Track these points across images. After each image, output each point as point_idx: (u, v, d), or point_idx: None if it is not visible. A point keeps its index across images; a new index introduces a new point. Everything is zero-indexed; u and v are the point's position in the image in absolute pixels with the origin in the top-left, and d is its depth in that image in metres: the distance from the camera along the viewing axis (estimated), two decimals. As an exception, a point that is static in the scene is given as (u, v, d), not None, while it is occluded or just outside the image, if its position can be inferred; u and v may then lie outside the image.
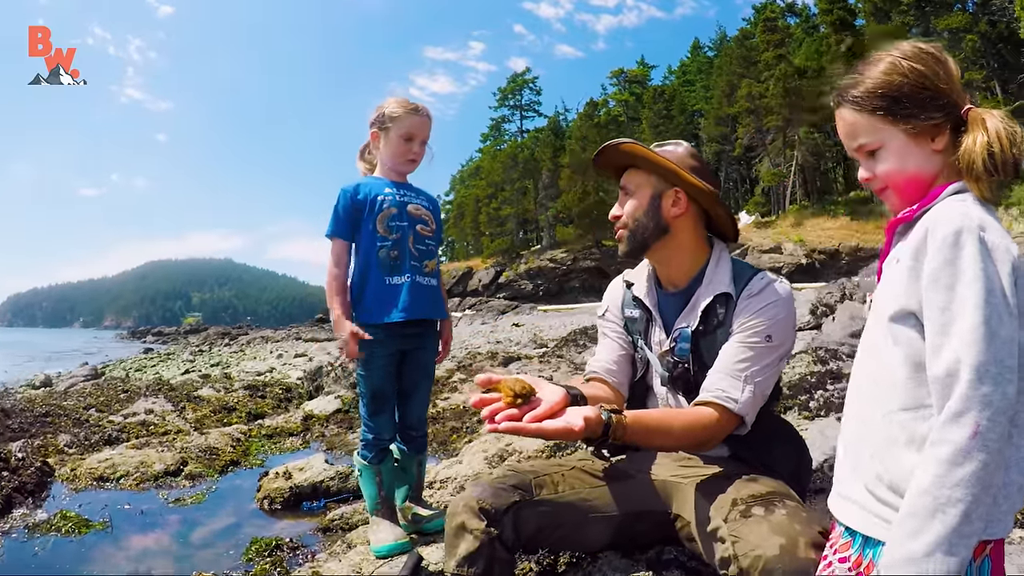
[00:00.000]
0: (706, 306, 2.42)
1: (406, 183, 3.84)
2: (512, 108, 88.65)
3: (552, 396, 1.98)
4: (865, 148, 1.73)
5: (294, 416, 8.27)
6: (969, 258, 1.42)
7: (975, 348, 1.37)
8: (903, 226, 1.68)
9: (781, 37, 61.40)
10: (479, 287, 66.22)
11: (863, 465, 1.63)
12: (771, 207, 62.85)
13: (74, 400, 9.58)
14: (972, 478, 1.33)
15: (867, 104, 1.69)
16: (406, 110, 3.68)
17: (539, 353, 14.34)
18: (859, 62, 1.76)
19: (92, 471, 5.56)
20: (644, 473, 2.46)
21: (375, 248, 3.64)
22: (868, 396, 1.67)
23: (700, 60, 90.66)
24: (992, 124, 1.56)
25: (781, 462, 2.37)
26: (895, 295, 1.59)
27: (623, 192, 2.57)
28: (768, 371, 2.30)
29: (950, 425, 1.37)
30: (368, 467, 3.73)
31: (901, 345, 1.58)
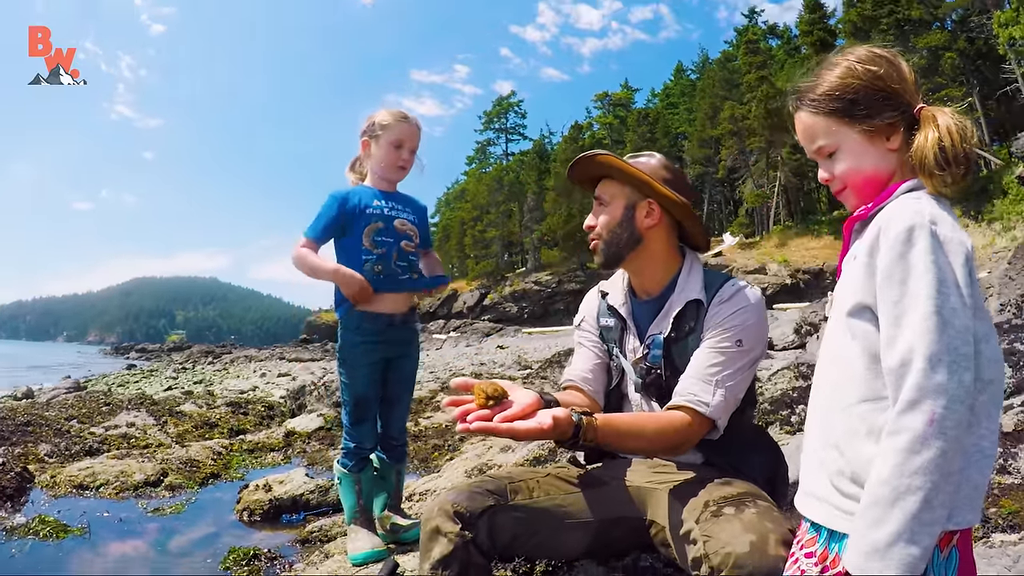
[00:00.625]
0: (678, 313, 2.46)
1: (395, 193, 3.90)
2: (497, 131, 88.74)
3: (524, 399, 2.02)
4: (824, 150, 1.79)
5: (276, 432, 8.27)
6: (920, 252, 1.47)
7: (928, 337, 1.41)
8: (860, 224, 1.74)
9: (763, 59, 61.54)
10: (464, 309, 66.02)
11: (826, 459, 1.66)
12: (755, 228, 62.86)
13: (56, 411, 9.53)
14: (930, 465, 1.35)
15: (823, 106, 1.76)
16: (396, 118, 3.75)
17: (523, 375, 14.35)
18: (817, 67, 1.83)
19: (72, 479, 5.58)
20: (619, 480, 2.47)
21: (360, 261, 3.69)
22: (829, 390, 1.71)
23: (683, 83, 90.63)
24: (943, 120, 1.62)
25: (757, 470, 2.39)
26: (852, 291, 1.63)
27: (597, 203, 2.61)
28: (739, 375, 2.34)
29: (906, 414, 1.40)
30: (348, 476, 3.77)
31: (858, 339, 1.62)
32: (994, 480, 3.90)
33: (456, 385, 2.04)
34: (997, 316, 13.51)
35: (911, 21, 46.49)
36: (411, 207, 3.93)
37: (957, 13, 47.85)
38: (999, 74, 43.88)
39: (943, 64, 43.99)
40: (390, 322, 3.78)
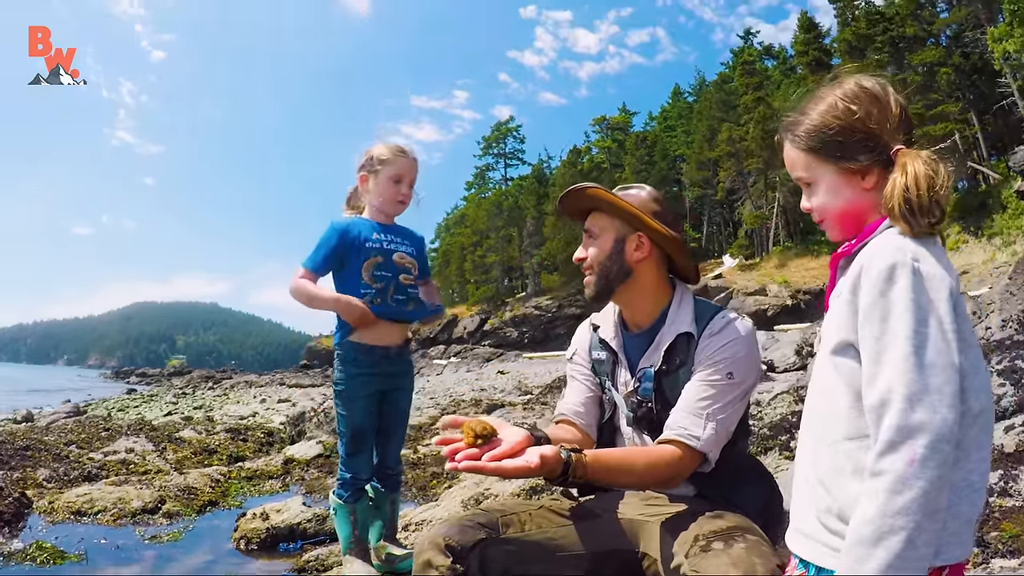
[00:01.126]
0: (669, 346, 2.45)
1: (393, 225, 3.93)
2: (496, 156, 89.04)
3: (513, 437, 2.02)
4: (803, 180, 1.83)
5: (275, 460, 8.23)
6: (901, 290, 1.48)
7: (907, 376, 1.42)
8: (845, 260, 1.74)
9: (759, 80, 61.85)
10: (464, 335, 65.97)
11: (814, 496, 1.67)
12: (755, 249, 62.92)
13: (55, 436, 9.50)
14: (913, 505, 1.36)
15: (801, 142, 1.79)
16: (394, 153, 3.79)
17: (523, 400, 14.33)
18: (806, 99, 1.85)
19: (70, 505, 5.56)
20: (611, 512, 2.45)
21: (359, 295, 3.71)
22: (816, 427, 1.72)
23: (681, 105, 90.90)
24: (912, 168, 1.62)
25: (750, 501, 2.37)
26: (836, 328, 1.64)
27: (587, 235, 2.61)
28: (730, 408, 2.33)
29: (887, 454, 1.40)
30: (343, 506, 3.76)
31: (843, 376, 1.62)
32: (995, 503, 3.88)
33: (445, 424, 2.05)
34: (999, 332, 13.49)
35: (906, 38, 46.72)
36: (409, 239, 3.96)
37: (951, 29, 48.13)
38: (995, 88, 44.05)
39: (939, 80, 44.15)
40: (385, 354, 3.81)
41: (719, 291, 47.50)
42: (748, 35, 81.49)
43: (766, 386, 10.41)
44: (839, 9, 53.54)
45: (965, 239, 40.80)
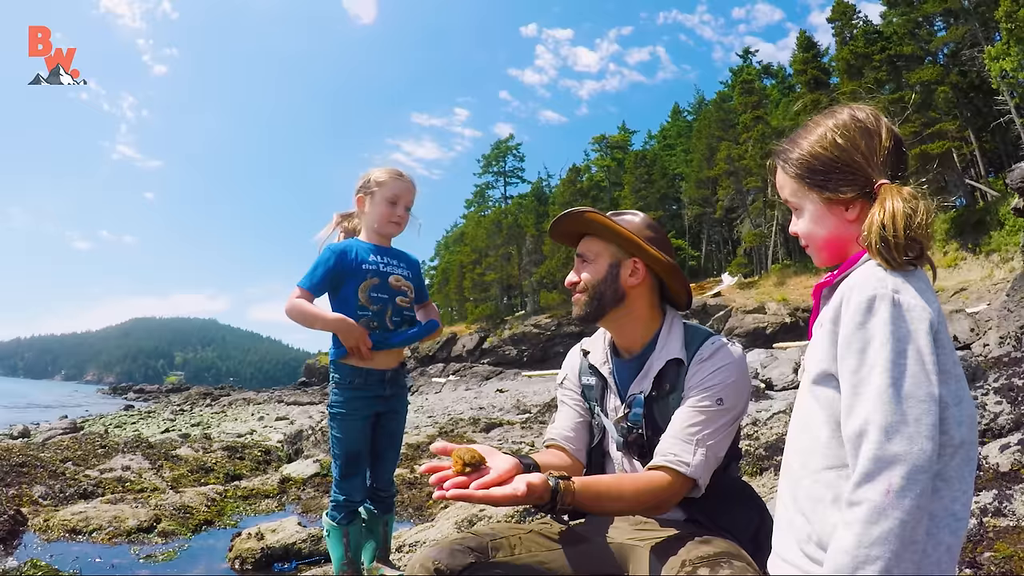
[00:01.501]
0: (659, 372, 2.45)
1: (389, 248, 3.95)
2: (496, 174, 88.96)
3: (502, 465, 2.03)
4: (791, 205, 1.88)
5: (272, 478, 8.23)
6: (880, 323, 1.50)
7: (883, 408, 1.43)
8: (827, 290, 1.77)
9: (758, 99, 61.86)
10: (463, 352, 65.80)
11: (794, 523, 1.69)
12: (754, 267, 62.88)
13: (51, 452, 9.51)
14: (889, 535, 1.37)
15: (790, 170, 1.84)
16: (391, 176, 3.82)
17: (522, 419, 14.37)
18: (801, 126, 1.88)
19: (65, 523, 5.56)
20: (601, 537, 2.44)
21: (356, 316, 3.73)
22: (797, 456, 1.74)
23: (680, 124, 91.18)
24: (890, 204, 1.63)
25: (740, 526, 2.36)
26: (817, 358, 1.66)
27: (580, 259, 2.60)
28: (720, 434, 2.33)
29: (863, 485, 1.41)
30: (337, 528, 3.76)
31: (823, 406, 1.65)
32: (988, 523, 3.88)
33: (436, 450, 2.04)
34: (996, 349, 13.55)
35: (904, 57, 46.91)
36: (405, 262, 3.99)
37: (949, 48, 48.30)
38: (992, 106, 44.20)
39: (936, 98, 44.33)
40: (381, 378, 3.82)
41: (718, 309, 47.50)
42: (747, 54, 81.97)
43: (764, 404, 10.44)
44: (837, 28, 53.75)
45: (963, 256, 40.86)
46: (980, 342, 17.53)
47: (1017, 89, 39.98)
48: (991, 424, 5.74)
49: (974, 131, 46.03)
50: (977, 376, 7.97)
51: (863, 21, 52.59)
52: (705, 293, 55.49)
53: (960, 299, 33.58)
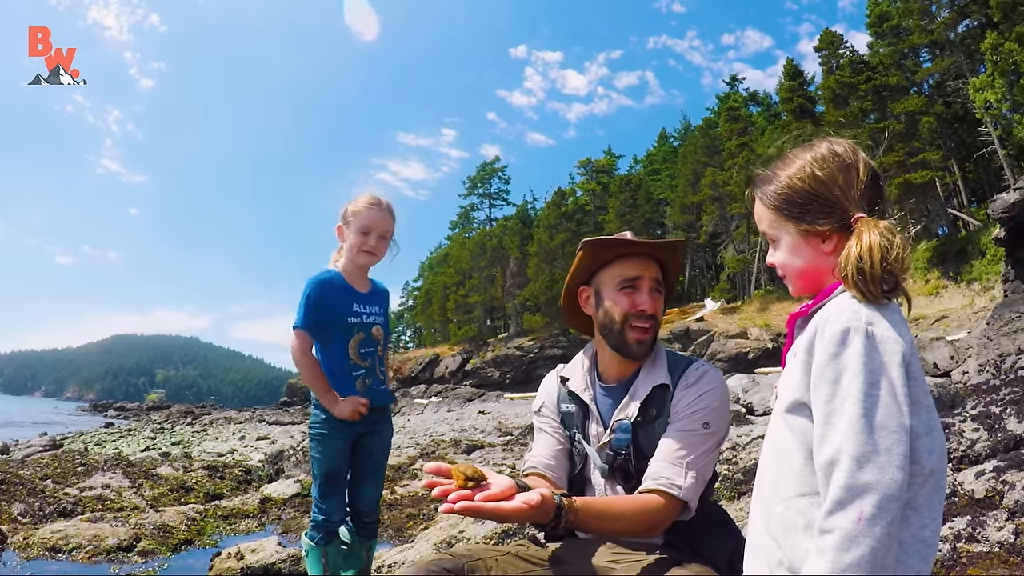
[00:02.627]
0: (645, 397, 2.46)
1: (366, 290, 4.02)
2: (481, 196, 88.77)
3: (502, 482, 2.01)
4: (768, 236, 1.90)
5: (252, 498, 8.21)
6: (853, 354, 1.52)
7: (856, 439, 1.46)
8: (801, 319, 1.80)
9: (744, 126, 62.17)
10: (446, 374, 65.56)
11: (765, 549, 1.70)
12: (736, 293, 63.07)
13: (31, 470, 9.47)
14: (861, 562, 1.39)
15: (768, 201, 1.87)
16: (366, 204, 3.87)
17: (503, 441, 14.37)
18: (780, 158, 1.91)
19: (45, 541, 5.54)
20: (578, 560, 2.43)
21: (352, 378, 3.85)
22: (769, 483, 1.75)
23: (666, 149, 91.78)
24: (867, 238, 1.65)
25: (716, 550, 2.37)
26: (790, 388, 1.69)
27: (657, 285, 2.55)
28: (706, 457, 2.36)
29: (834, 513, 1.43)
30: (316, 548, 3.79)
31: (796, 434, 1.67)
32: (962, 548, 3.92)
33: (430, 470, 2.02)
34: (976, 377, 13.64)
35: (889, 87, 47.30)
36: (378, 302, 4.07)
37: (934, 79, 48.84)
38: (976, 137, 44.71)
39: (921, 128, 44.67)
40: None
41: (700, 334, 47.62)
42: (734, 81, 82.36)
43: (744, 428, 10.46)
44: (824, 58, 54.26)
45: (944, 284, 41.11)
46: (959, 369, 17.64)
47: (1000, 120, 40.42)
48: (968, 451, 5.79)
49: (957, 161, 46.51)
50: (956, 403, 8.03)
51: (850, 51, 53.30)
52: (688, 318, 55.63)
53: (941, 327, 33.78)
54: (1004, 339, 19.00)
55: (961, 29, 46.10)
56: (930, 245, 42.69)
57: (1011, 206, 21.75)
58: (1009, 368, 13.19)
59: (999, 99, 37.89)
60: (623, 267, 2.53)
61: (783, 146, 1.94)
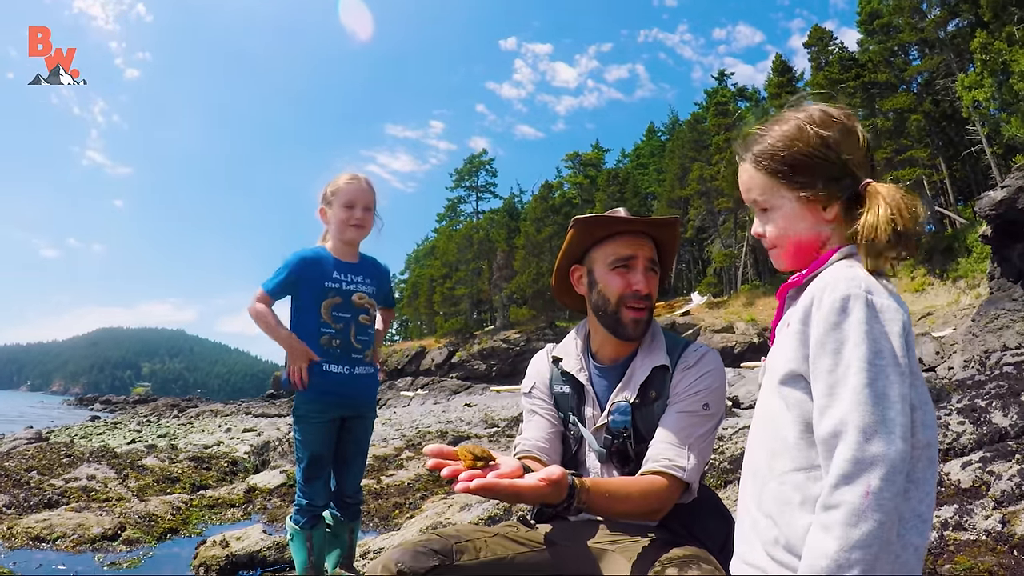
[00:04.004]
0: (644, 379, 2.43)
1: (356, 263, 3.98)
2: (468, 189, 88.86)
3: (510, 462, 1.97)
4: (758, 205, 1.79)
5: (238, 488, 8.17)
6: (855, 323, 1.46)
7: (862, 409, 1.40)
8: (794, 290, 1.74)
9: (732, 121, 62.48)
10: (432, 367, 65.54)
11: (760, 527, 1.65)
12: (723, 287, 63.24)
13: (16, 462, 9.41)
14: (869, 538, 1.34)
15: (765, 165, 1.74)
16: (346, 180, 3.88)
17: (489, 433, 14.38)
18: (773, 119, 1.80)
19: (29, 530, 5.52)
20: (569, 541, 2.41)
21: (318, 333, 3.80)
22: (762, 458, 1.70)
23: (654, 143, 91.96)
24: (892, 198, 1.60)
25: (711, 534, 2.34)
26: (785, 359, 1.62)
27: (652, 265, 2.50)
28: (706, 439, 2.34)
29: (841, 487, 1.38)
30: (300, 532, 3.78)
31: (792, 407, 1.60)
32: (949, 536, 3.93)
33: (431, 452, 1.91)
34: (961, 372, 13.70)
35: (877, 84, 47.48)
36: (372, 276, 4.03)
37: (923, 76, 49.03)
38: (963, 135, 44.93)
39: (908, 126, 44.89)
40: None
41: (687, 328, 47.77)
42: (722, 76, 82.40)
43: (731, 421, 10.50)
44: (813, 54, 54.41)
45: (930, 281, 41.32)
46: (945, 365, 17.73)
47: (988, 119, 40.53)
48: (953, 443, 5.81)
49: (945, 159, 46.75)
50: (941, 397, 8.06)
51: (839, 47, 53.31)
52: (674, 312, 55.79)
53: (926, 323, 33.98)
54: (989, 335, 19.10)
55: (951, 28, 46.40)
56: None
57: (998, 204, 21.85)
58: (994, 364, 13.23)
59: (988, 98, 38.03)
60: (616, 246, 2.48)
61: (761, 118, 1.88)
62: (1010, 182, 22.09)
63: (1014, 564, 3.44)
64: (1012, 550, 3.65)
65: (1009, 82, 36.31)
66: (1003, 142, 39.76)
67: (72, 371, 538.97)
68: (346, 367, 3.87)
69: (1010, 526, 3.93)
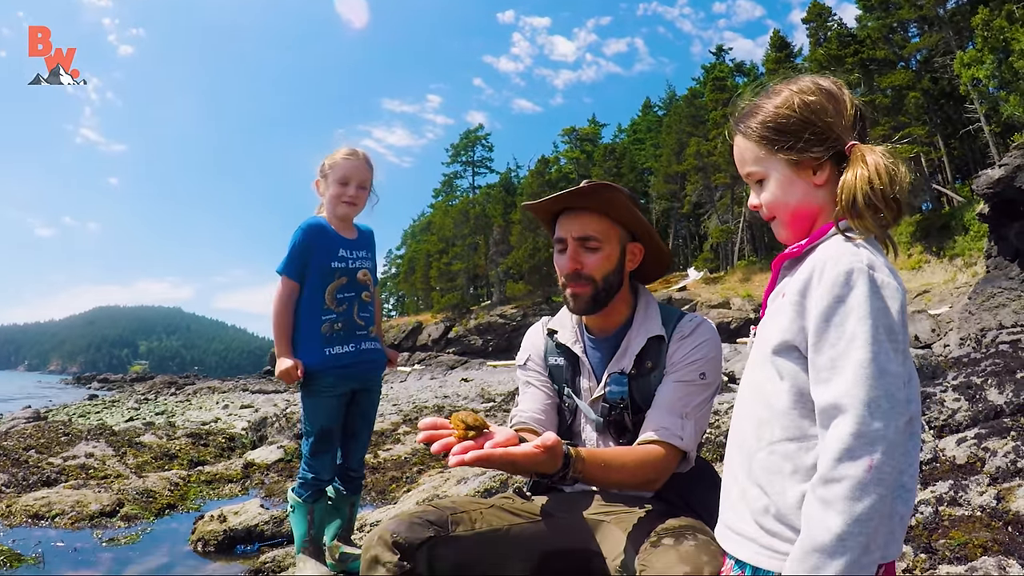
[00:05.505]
0: (640, 350, 2.44)
1: (354, 237, 3.98)
2: (464, 164, 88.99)
3: (504, 431, 1.97)
4: (752, 176, 1.79)
5: (235, 464, 8.18)
6: (860, 297, 1.46)
7: (865, 385, 1.41)
8: (790, 261, 1.74)
9: (729, 96, 62.33)
10: (428, 342, 65.73)
11: (749, 496, 1.66)
12: (719, 263, 63.41)
13: (14, 441, 9.43)
14: (871, 512, 1.35)
15: (754, 133, 1.75)
16: (343, 156, 3.86)
17: (486, 407, 14.42)
18: (763, 91, 1.82)
19: (27, 508, 5.54)
20: (564, 511, 2.43)
21: (319, 321, 3.79)
22: (751, 427, 1.70)
23: (650, 119, 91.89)
24: (872, 159, 1.59)
25: (706, 505, 2.29)
26: (780, 328, 1.62)
27: (582, 242, 2.44)
28: (704, 408, 2.36)
29: (844, 461, 1.39)
30: (303, 505, 3.78)
31: (785, 377, 1.60)
32: (944, 512, 3.96)
33: (425, 425, 1.91)
34: (956, 350, 13.74)
35: (876, 61, 47.35)
36: (365, 246, 4.03)
37: (922, 54, 48.92)
38: (962, 113, 44.81)
39: (907, 103, 44.78)
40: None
41: (683, 303, 47.87)
42: (720, 51, 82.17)
43: (726, 396, 10.52)
44: (811, 30, 54.23)
45: (927, 259, 41.38)
46: (940, 343, 17.76)
47: (987, 98, 40.44)
48: (949, 420, 5.84)
49: (943, 137, 46.68)
50: (936, 374, 8.09)
51: (838, 24, 53.13)
52: (671, 287, 55.92)
53: (922, 301, 34.02)
54: (985, 314, 19.16)
55: (951, 5, 46.31)
56: (913, 220, 42.83)
57: (996, 182, 21.82)
58: (990, 342, 13.28)
59: (987, 76, 37.94)
60: (558, 227, 2.53)
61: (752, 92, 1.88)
62: (1008, 161, 22.05)
63: (1008, 540, 3.45)
64: (1007, 526, 3.67)
65: (1009, 60, 36.23)
66: (1001, 120, 39.76)
67: (69, 350, 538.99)
68: (352, 345, 3.87)
69: (1004, 502, 3.96)
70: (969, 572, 3.09)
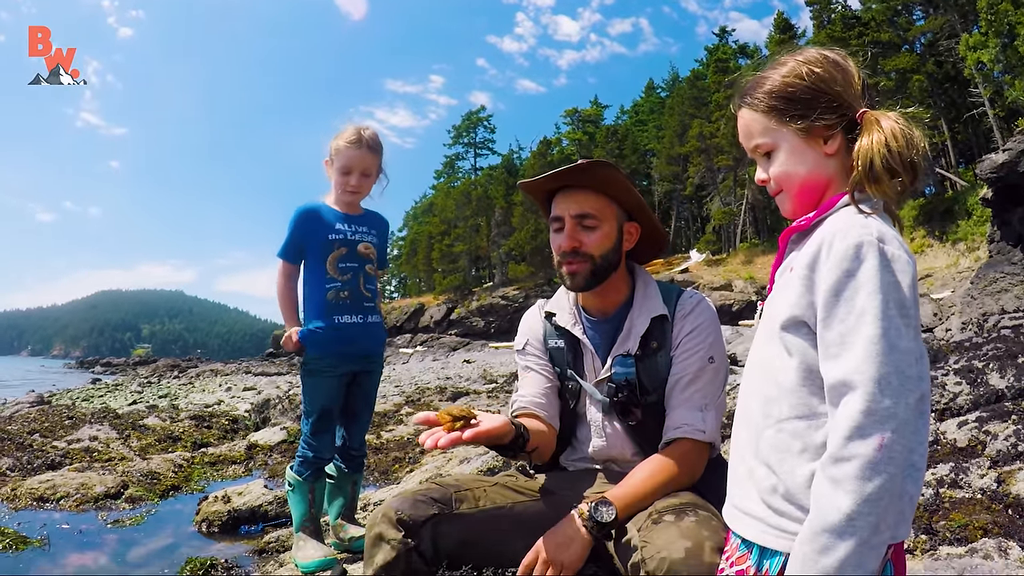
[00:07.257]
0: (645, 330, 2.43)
1: (358, 215, 3.96)
2: (466, 145, 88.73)
3: (493, 419, 2.03)
4: (760, 148, 1.75)
5: (238, 445, 8.22)
6: (870, 270, 1.43)
7: (876, 361, 1.38)
8: (798, 235, 1.72)
9: (732, 78, 62.22)
10: (431, 324, 65.74)
11: (756, 475, 1.64)
12: (722, 245, 63.30)
13: (18, 425, 9.44)
14: (882, 492, 1.33)
15: (762, 104, 1.72)
16: (347, 143, 3.80)
17: (488, 389, 14.45)
18: (769, 63, 1.79)
19: (32, 491, 5.55)
20: (568, 489, 2.44)
21: (324, 289, 3.78)
22: (759, 404, 1.68)
23: (653, 100, 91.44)
24: (887, 123, 1.57)
25: (710, 485, 2.29)
26: (788, 303, 1.59)
27: (579, 220, 2.43)
28: (718, 391, 2.38)
29: (855, 440, 1.36)
30: (303, 484, 3.78)
31: (794, 354, 1.58)
32: (945, 494, 3.96)
33: (419, 420, 2.01)
34: (958, 334, 13.73)
35: (880, 43, 47.02)
36: (374, 228, 4.01)
37: (926, 37, 48.57)
38: (966, 97, 44.54)
39: (911, 86, 44.50)
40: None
41: (685, 285, 47.50)
42: (723, 33, 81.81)
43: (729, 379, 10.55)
44: (815, 11, 53.90)
45: (930, 243, 41.29)
46: (943, 327, 17.74)
47: (991, 82, 40.23)
48: (950, 403, 5.84)
49: (947, 121, 46.42)
50: (938, 358, 8.09)
51: (842, 5, 52.77)
52: (673, 269, 55.88)
53: (925, 285, 33.97)
54: (988, 299, 19.15)
55: (956, -12, 45.87)
56: (916, 204, 42.67)
57: (999, 167, 21.76)
58: (992, 327, 13.25)
59: (991, 60, 37.75)
60: (555, 205, 2.50)
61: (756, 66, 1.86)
62: (1012, 145, 21.98)
63: (1008, 522, 3.46)
64: (1007, 508, 3.67)
65: (1014, 44, 36.04)
66: (1006, 105, 39.51)
67: (72, 335, 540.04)
68: (359, 316, 3.86)
69: (1005, 485, 3.96)
70: (969, 553, 3.10)
